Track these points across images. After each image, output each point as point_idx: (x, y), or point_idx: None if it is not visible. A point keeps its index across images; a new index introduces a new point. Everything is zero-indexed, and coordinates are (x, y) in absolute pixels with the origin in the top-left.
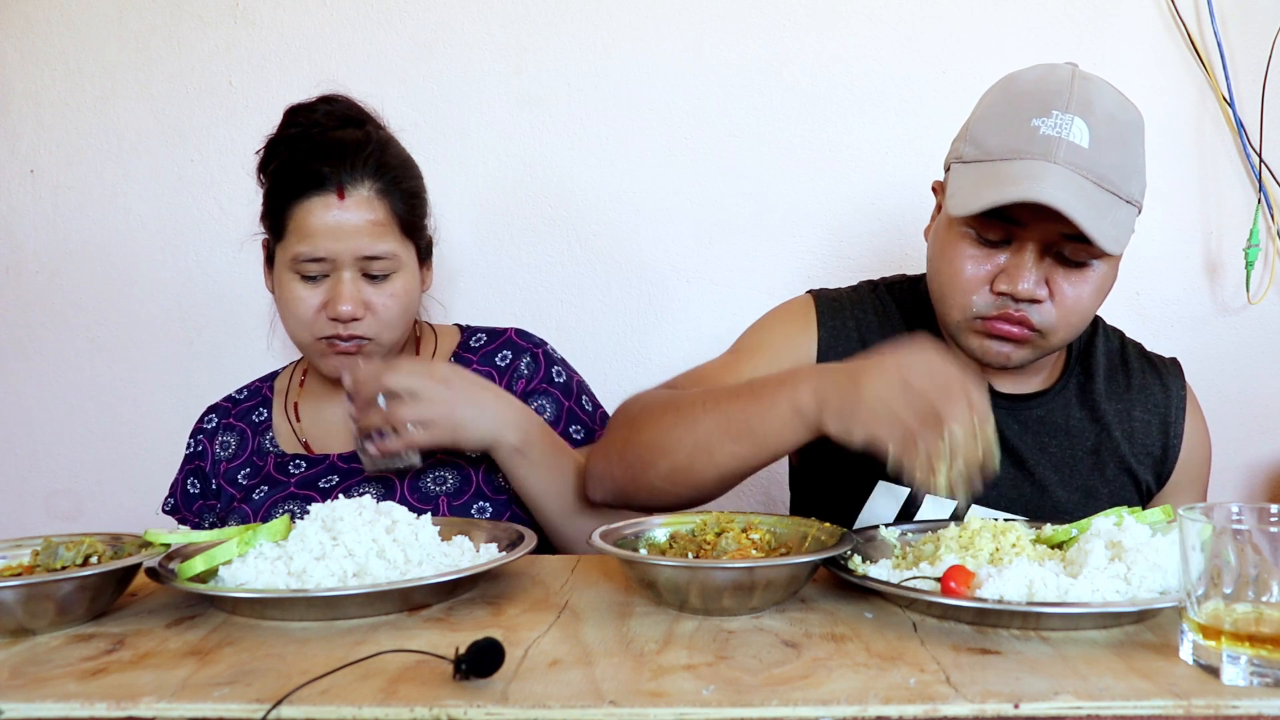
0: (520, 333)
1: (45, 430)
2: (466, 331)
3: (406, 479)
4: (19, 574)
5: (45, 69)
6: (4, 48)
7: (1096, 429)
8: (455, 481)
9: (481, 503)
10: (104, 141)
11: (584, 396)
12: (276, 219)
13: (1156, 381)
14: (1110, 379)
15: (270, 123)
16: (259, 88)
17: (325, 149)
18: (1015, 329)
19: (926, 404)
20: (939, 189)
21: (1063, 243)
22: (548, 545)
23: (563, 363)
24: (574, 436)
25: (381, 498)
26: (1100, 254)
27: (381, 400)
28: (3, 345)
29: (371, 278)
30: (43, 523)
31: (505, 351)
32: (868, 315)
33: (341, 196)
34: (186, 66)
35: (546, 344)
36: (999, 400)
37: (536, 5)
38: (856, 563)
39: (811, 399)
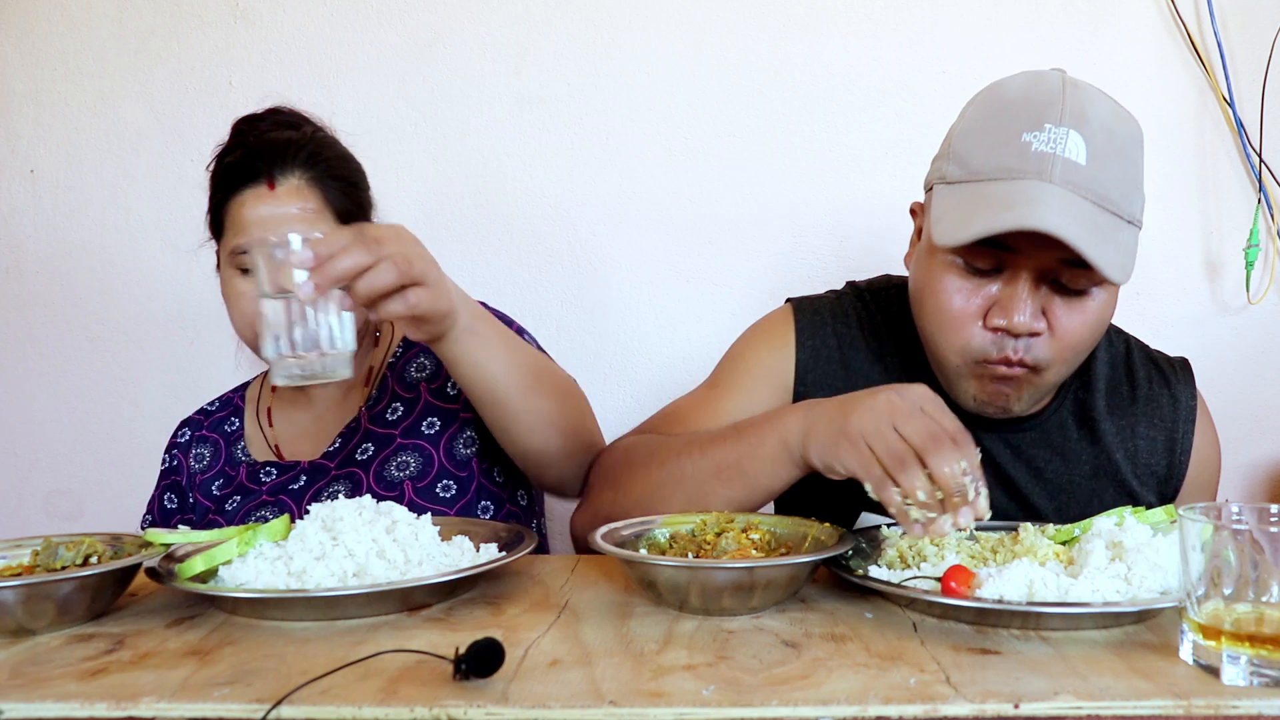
0: None
1: (45, 430)
2: None
3: (371, 469)
4: (19, 574)
5: (45, 69)
6: (4, 48)
7: (1095, 451)
8: (418, 464)
9: (446, 481)
10: (104, 141)
11: (524, 335)
12: (215, 217)
13: (1164, 392)
14: (1112, 393)
15: None
16: (259, 88)
17: (259, 148)
18: (1016, 370)
19: (907, 449)
20: (918, 211)
21: (1060, 269)
22: (548, 545)
23: (502, 316)
24: None
25: (350, 493)
26: (1101, 280)
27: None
28: (3, 345)
29: None
30: (43, 523)
31: None
32: (850, 327)
33: (272, 187)
34: (186, 66)
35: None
36: (991, 425)
37: (536, 5)
38: (857, 563)
39: (798, 431)
